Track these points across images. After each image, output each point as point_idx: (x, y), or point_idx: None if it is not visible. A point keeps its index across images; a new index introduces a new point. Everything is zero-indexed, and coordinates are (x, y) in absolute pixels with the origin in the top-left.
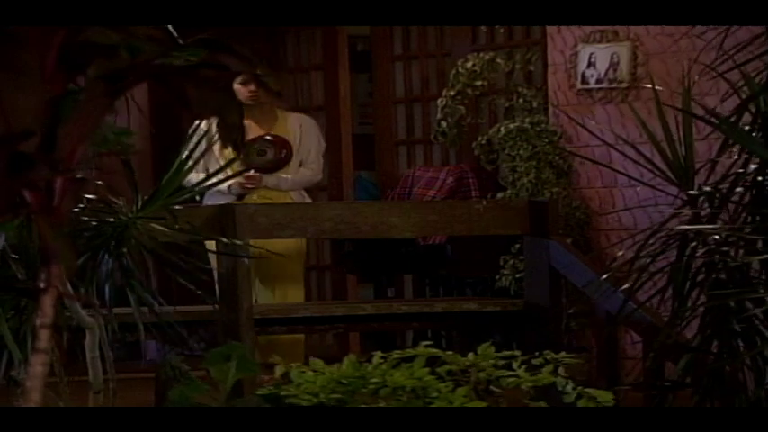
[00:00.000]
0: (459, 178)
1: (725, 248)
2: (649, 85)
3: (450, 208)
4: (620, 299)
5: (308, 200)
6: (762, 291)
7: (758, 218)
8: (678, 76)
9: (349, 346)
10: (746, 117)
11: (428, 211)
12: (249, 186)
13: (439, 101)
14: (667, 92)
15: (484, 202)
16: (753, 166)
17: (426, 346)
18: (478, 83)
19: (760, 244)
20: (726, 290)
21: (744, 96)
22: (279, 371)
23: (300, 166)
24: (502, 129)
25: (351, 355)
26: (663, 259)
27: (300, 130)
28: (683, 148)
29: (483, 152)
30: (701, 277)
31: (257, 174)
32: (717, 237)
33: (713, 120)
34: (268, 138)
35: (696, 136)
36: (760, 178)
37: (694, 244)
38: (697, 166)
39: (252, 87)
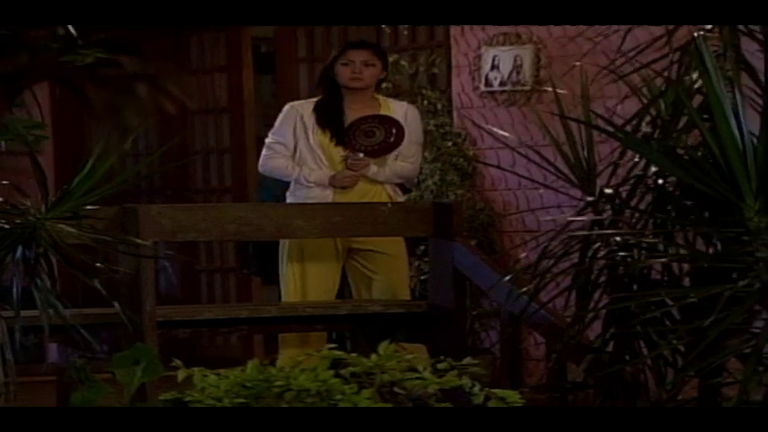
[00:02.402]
0: None
1: (626, 250)
2: (551, 88)
3: (355, 210)
4: (523, 300)
5: (401, 198)
6: (662, 293)
7: (658, 220)
8: (580, 79)
9: (253, 348)
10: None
11: (333, 213)
12: (355, 172)
13: None
14: (570, 95)
15: (389, 204)
16: (653, 169)
17: (331, 348)
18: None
19: (660, 246)
20: (627, 291)
21: (645, 99)
22: (181, 375)
23: (396, 158)
24: None
25: (254, 358)
26: (566, 261)
27: (405, 120)
28: (584, 150)
29: None
30: (603, 279)
31: (365, 158)
32: (618, 239)
33: (609, 128)
34: (377, 117)
35: (598, 138)
36: (660, 181)
37: (596, 246)
38: (599, 168)
39: (356, 69)
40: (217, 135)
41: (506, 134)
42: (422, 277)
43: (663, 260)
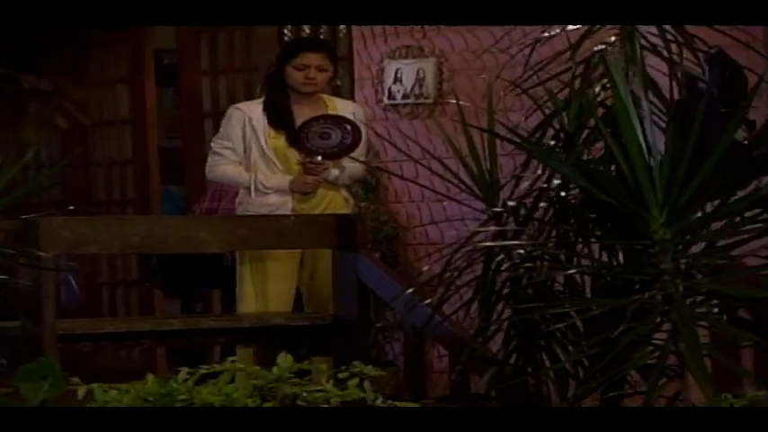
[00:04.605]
0: None
1: (529, 263)
2: (454, 101)
3: (258, 222)
4: (426, 312)
5: (352, 202)
6: (565, 305)
7: (561, 232)
8: (483, 92)
9: (156, 362)
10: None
11: (237, 225)
12: (316, 176)
13: None
14: (472, 107)
15: (292, 217)
16: (556, 182)
17: (233, 361)
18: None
19: (563, 258)
20: (530, 304)
21: (547, 112)
22: (81, 391)
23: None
24: None
25: (152, 373)
26: (469, 273)
27: (354, 119)
28: (488, 163)
29: None
30: (506, 291)
31: (325, 161)
32: (521, 251)
33: (515, 138)
34: (329, 117)
35: (501, 151)
36: (563, 193)
37: (500, 258)
38: (502, 181)
39: (310, 74)
40: (119, 147)
41: (409, 146)
42: None
43: (567, 272)
